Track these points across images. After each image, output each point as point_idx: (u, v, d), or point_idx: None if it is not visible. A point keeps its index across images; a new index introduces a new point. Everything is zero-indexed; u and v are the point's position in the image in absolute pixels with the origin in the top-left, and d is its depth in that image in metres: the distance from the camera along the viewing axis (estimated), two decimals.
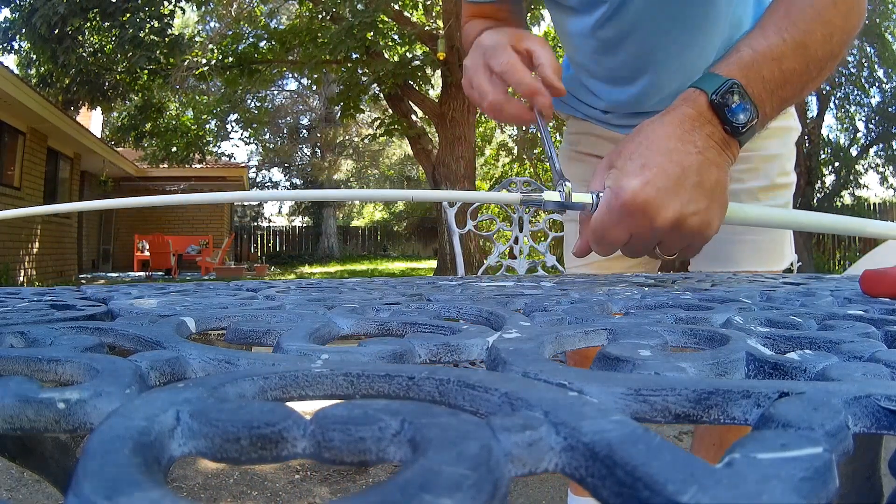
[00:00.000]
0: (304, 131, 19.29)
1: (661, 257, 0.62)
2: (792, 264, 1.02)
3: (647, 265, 1.17)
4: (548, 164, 0.72)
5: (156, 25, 7.75)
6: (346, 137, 18.73)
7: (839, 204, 11.29)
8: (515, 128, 14.97)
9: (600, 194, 0.58)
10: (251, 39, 9.52)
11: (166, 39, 7.91)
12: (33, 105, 7.13)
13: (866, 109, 11.37)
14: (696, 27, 0.83)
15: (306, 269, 14.10)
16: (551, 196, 0.61)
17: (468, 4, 0.95)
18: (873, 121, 11.28)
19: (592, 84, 1.01)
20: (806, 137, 10.65)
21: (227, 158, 17.98)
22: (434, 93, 9.38)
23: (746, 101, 0.59)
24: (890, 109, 10.78)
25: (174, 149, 10.93)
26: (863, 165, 11.89)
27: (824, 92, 10.71)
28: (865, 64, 10.54)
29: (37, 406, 0.14)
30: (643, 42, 0.86)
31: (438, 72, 8.59)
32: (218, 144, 16.36)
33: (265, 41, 9.31)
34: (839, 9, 0.65)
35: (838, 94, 11.13)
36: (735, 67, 0.60)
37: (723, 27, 0.84)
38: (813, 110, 11.01)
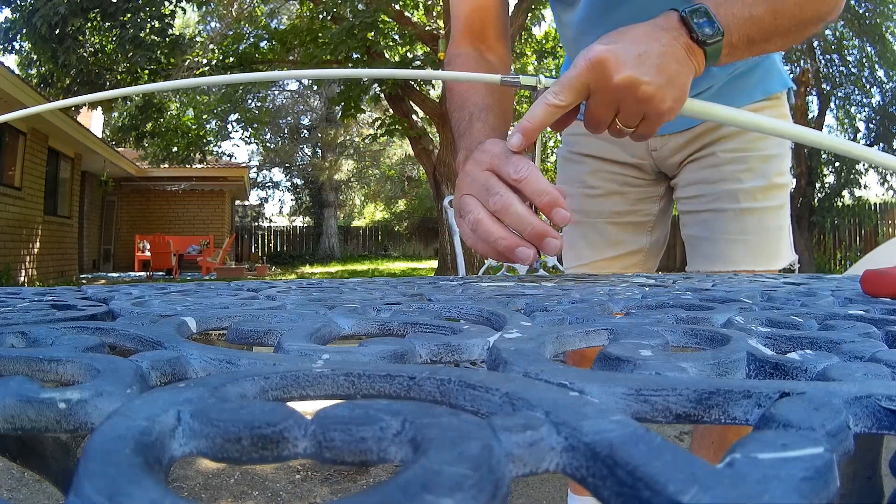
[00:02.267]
0: (305, 131, 19.30)
1: (619, 129, 0.67)
2: (792, 264, 1.03)
3: (645, 265, 1.17)
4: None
5: (156, 25, 7.76)
6: (347, 137, 18.74)
7: (840, 204, 11.27)
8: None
9: None
10: (252, 39, 9.53)
11: (167, 39, 7.92)
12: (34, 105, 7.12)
13: (867, 109, 11.36)
14: None
15: (307, 269, 14.10)
16: (527, 80, 0.67)
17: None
18: (874, 121, 11.26)
19: None
20: None
21: (228, 158, 18.00)
22: (435, 93, 9.38)
23: (713, 21, 0.66)
24: (890, 109, 10.76)
25: (175, 149, 10.94)
26: (863, 165, 11.86)
27: (825, 92, 10.71)
28: (866, 64, 10.53)
29: (38, 406, 0.14)
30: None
31: None
32: (218, 144, 16.38)
33: (266, 41, 9.32)
34: None
35: (839, 93, 11.12)
36: (707, 1, 0.68)
37: None
38: (813, 110, 11.00)
